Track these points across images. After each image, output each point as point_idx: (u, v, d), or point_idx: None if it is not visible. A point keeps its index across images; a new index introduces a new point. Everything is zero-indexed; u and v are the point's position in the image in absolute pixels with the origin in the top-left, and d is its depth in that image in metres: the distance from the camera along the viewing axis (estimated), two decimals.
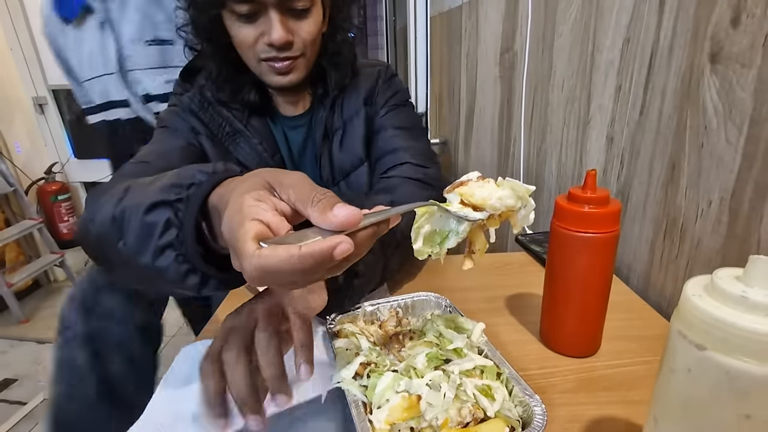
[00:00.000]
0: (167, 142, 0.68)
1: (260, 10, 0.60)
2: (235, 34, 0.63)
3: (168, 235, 0.35)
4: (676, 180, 0.56)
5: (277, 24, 0.60)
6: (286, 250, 0.25)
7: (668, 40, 0.57)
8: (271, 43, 0.61)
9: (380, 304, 0.52)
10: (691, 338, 0.27)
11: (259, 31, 0.61)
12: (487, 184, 0.31)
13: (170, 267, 0.35)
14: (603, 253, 0.44)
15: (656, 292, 0.61)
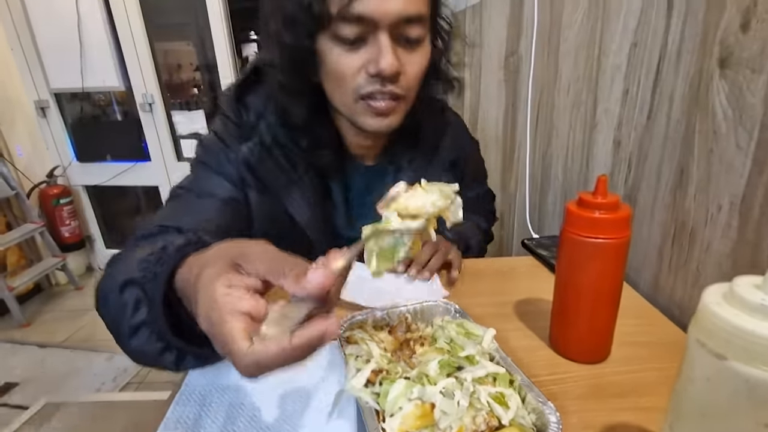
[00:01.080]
0: (207, 187, 0.60)
1: (368, 34, 0.51)
2: (334, 63, 0.52)
3: (140, 314, 0.35)
4: (685, 184, 0.56)
5: (388, 49, 0.50)
6: (278, 345, 0.26)
7: (676, 45, 0.57)
8: (378, 72, 0.51)
9: (389, 310, 0.52)
10: (710, 347, 0.27)
11: (363, 59, 0.52)
12: (417, 193, 0.33)
13: (145, 345, 0.35)
14: (614, 258, 0.44)
15: (665, 296, 0.61)
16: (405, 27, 0.51)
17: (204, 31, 2.27)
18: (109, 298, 0.38)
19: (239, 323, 0.26)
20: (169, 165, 2.49)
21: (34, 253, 2.44)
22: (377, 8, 0.48)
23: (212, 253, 0.32)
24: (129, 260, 0.40)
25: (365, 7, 0.48)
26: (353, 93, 0.54)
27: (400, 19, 0.50)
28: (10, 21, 2.29)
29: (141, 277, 0.36)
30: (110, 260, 0.47)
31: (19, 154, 2.39)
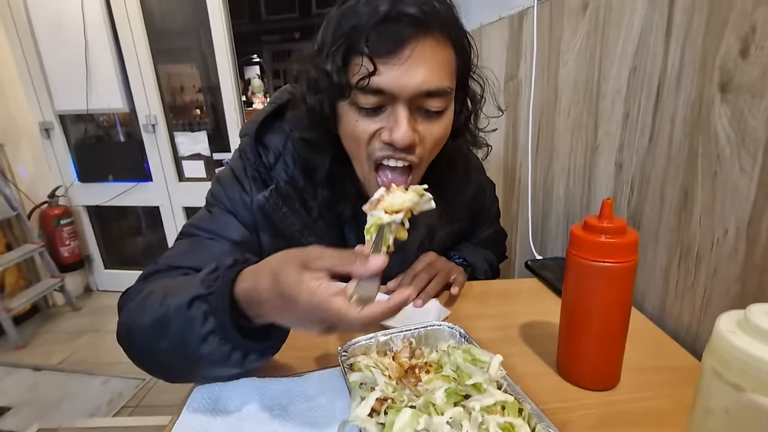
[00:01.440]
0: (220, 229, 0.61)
1: (387, 104, 0.50)
2: (351, 127, 0.53)
3: (209, 324, 0.42)
4: (690, 207, 0.56)
5: (404, 121, 0.49)
6: (381, 306, 0.36)
7: (676, 69, 0.58)
8: (392, 142, 0.51)
9: (393, 334, 0.51)
10: (727, 378, 0.26)
11: (379, 125, 0.51)
12: (396, 193, 0.42)
13: (215, 350, 0.42)
14: (621, 283, 0.44)
15: (673, 320, 0.60)
16: (425, 100, 0.50)
17: (207, 53, 2.31)
18: (171, 317, 0.44)
19: (341, 300, 0.36)
20: (171, 185, 2.50)
21: (32, 273, 2.42)
22: (396, 83, 0.48)
23: (274, 262, 0.40)
24: (177, 287, 0.46)
25: (384, 82, 0.48)
26: (368, 159, 0.54)
27: (420, 94, 0.49)
28: (19, 48, 2.34)
29: (207, 293, 0.42)
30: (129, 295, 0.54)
31: (23, 174, 2.40)
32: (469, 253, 0.79)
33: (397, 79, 0.48)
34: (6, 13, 2.29)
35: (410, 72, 0.48)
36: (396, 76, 0.48)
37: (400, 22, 0.47)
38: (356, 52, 0.48)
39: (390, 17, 0.47)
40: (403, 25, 0.47)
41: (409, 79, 0.48)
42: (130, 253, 2.88)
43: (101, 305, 2.60)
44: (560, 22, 0.86)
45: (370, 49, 0.47)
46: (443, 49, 0.50)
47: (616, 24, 0.70)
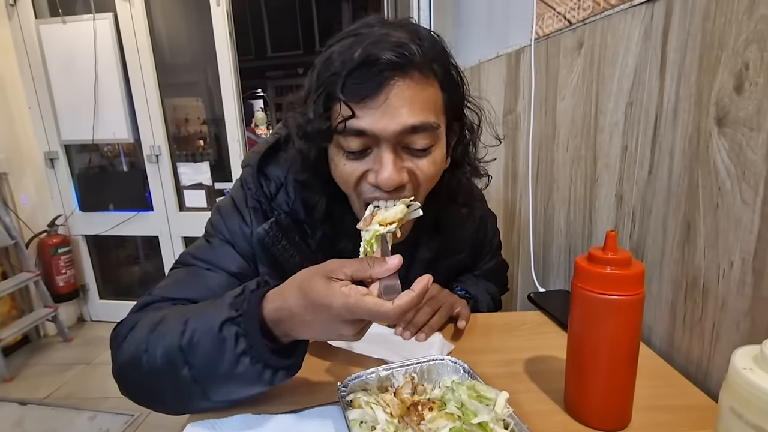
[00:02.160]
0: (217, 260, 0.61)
1: (372, 145, 0.51)
2: (339, 170, 0.53)
3: (240, 345, 0.44)
4: (693, 239, 0.56)
5: (388, 164, 0.49)
6: (408, 295, 0.40)
7: (672, 104, 0.59)
8: (377, 185, 0.51)
9: (394, 369, 0.49)
10: (747, 418, 0.25)
11: (366, 167, 0.52)
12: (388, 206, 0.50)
13: (248, 370, 0.44)
14: (629, 316, 0.43)
15: (682, 355, 0.59)
16: (410, 137, 0.50)
17: (213, 88, 2.38)
18: (197, 345, 0.45)
19: (372, 298, 0.40)
20: (171, 215, 2.50)
21: (26, 303, 2.38)
22: (375, 125, 0.48)
23: (299, 279, 0.44)
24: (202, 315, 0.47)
25: (364, 124, 0.48)
26: (358, 198, 0.55)
27: (403, 132, 0.49)
28: (30, 80, 2.41)
29: (236, 316, 0.44)
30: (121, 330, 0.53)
31: (24, 203, 2.41)
32: (471, 285, 0.78)
33: (377, 122, 0.48)
34: (20, 45, 2.37)
35: (389, 113, 0.48)
36: (375, 119, 0.48)
37: (375, 66, 0.47)
38: (334, 98, 0.49)
39: (365, 63, 0.47)
40: (378, 69, 0.47)
41: (389, 121, 0.48)
42: (126, 283, 2.85)
43: (93, 336, 2.54)
44: (556, 60, 0.88)
45: (346, 95, 0.48)
46: (426, 87, 0.50)
47: (611, 62, 0.72)
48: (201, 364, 0.45)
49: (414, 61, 0.48)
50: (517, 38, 1.06)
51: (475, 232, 0.78)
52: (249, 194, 0.62)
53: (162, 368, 0.46)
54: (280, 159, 0.63)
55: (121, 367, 0.50)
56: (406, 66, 0.48)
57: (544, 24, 0.91)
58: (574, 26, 0.81)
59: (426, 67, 0.50)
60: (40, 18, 2.36)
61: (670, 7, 0.59)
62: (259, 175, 0.62)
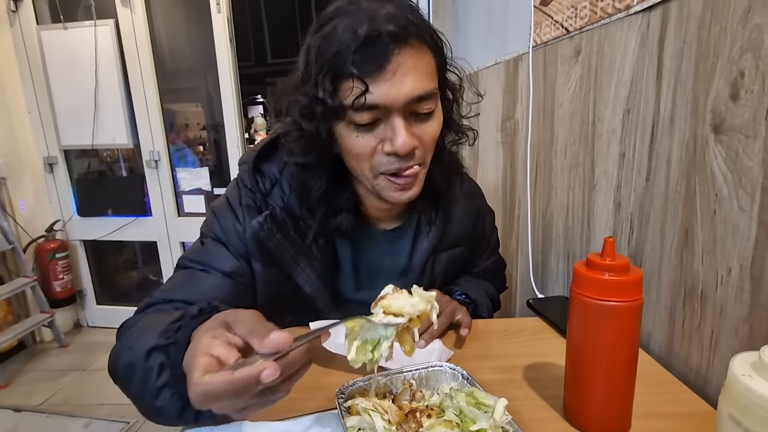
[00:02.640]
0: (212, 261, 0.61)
1: (382, 116, 0.53)
2: (351, 145, 0.54)
3: (163, 377, 0.41)
4: (691, 246, 0.56)
5: (401, 130, 0.52)
6: (221, 377, 0.31)
7: (668, 111, 0.59)
8: (395, 151, 0.53)
9: (393, 375, 0.49)
10: (747, 425, 0.25)
11: (378, 139, 0.53)
12: (401, 295, 0.39)
13: (168, 405, 0.40)
14: (628, 322, 0.43)
15: (681, 361, 0.58)
16: (416, 105, 0.53)
17: (213, 94, 2.39)
18: (135, 365, 0.43)
19: (204, 359, 0.33)
20: (170, 220, 2.50)
21: (22, 308, 2.37)
22: (387, 96, 0.50)
23: (215, 316, 0.39)
24: (148, 329, 0.46)
25: (377, 97, 0.50)
26: (373, 170, 0.56)
27: (411, 101, 0.52)
28: (31, 85, 2.42)
29: (165, 345, 0.41)
30: (122, 329, 0.54)
31: (22, 208, 2.41)
32: (471, 288, 0.78)
33: (388, 93, 0.50)
34: (21, 50, 2.38)
35: (398, 84, 0.50)
36: (386, 90, 0.50)
37: (380, 40, 0.49)
38: (345, 75, 0.50)
39: (370, 38, 0.49)
40: (384, 42, 0.49)
41: (398, 90, 0.51)
42: (123, 289, 2.83)
43: (90, 342, 2.52)
44: (554, 67, 0.89)
45: (358, 70, 0.49)
46: (423, 55, 0.53)
47: (608, 69, 0.73)
48: (133, 391, 0.44)
49: (411, 31, 0.51)
50: (515, 46, 1.07)
51: (474, 225, 0.78)
52: (244, 192, 0.63)
53: (121, 382, 0.47)
54: (275, 157, 0.64)
55: (108, 369, 0.51)
56: (406, 36, 0.50)
57: (542, 32, 0.91)
58: (572, 34, 0.82)
59: (420, 36, 0.52)
60: (42, 24, 2.38)
61: (666, 16, 0.59)
62: (255, 172, 0.63)
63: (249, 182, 0.63)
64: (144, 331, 0.47)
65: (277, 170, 0.64)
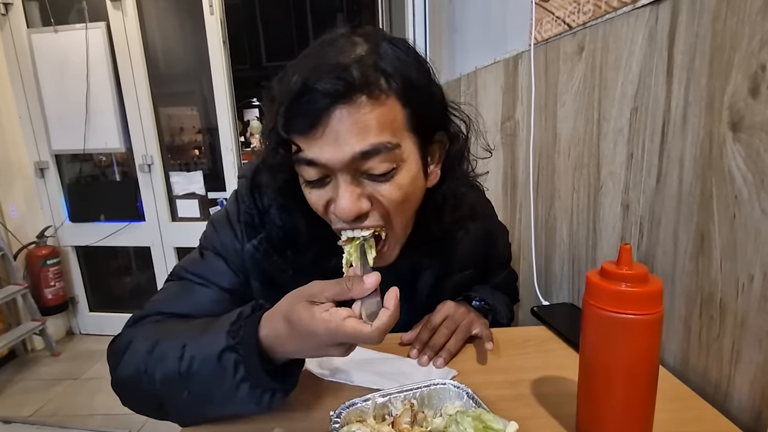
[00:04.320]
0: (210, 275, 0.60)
1: (330, 174, 0.48)
2: (307, 197, 0.52)
3: (239, 373, 0.45)
4: (708, 251, 0.53)
5: (344, 193, 0.47)
6: (387, 316, 0.42)
7: (681, 109, 0.56)
8: (336, 214, 0.49)
9: (392, 396, 0.45)
10: None
11: (328, 195, 0.49)
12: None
13: (246, 396, 0.46)
14: (647, 337, 0.39)
15: (698, 375, 0.55)
16: (364, 163, 0.46)
17: (208, 97, 2.35)
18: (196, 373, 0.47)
19: (353, 321, 0.42)
20: (163, 225, 2.46)
21: (13, 316, 2.32)
22: (321, 156, 0.46)
23: (284, 306, 0.45)
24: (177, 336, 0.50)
25: (311, 154, 0.46)
26: (333, 224, 0.52)
27: (353, 159, 0.46)
28: (21, 89, 2.37)
29: (234, 344, 0.46)
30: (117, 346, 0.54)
31: (13, 214, 2.36)
32: (489, 295, 0.73)
33: (322, 153, 0.46)
34: (11, 54, 2.34)
35: (331, 144, 0.45)
36: (318, 150, 0.46)
37: (311, 97, 0.44)
38: (279, 134, 0.48)
39: (300, 94, 0.45)
40: (315, 99, 0.44)
41: (335, 151, 0.45)
42: (116, 295, 2.79)
43: (82, 350, 2.48)
44: (556, 65, 0.86)
45: (286, 130, 0.47)
46: (375, 108, 0.46)
47: (614, 66, 0.69)
48: (199, 391, 0.47)
49: (355, 85, 0.44)
50: (515, 44, 1.04)
51: (482, 248, 0.74)
52: (242, 208, 0.61)
53: (161, 390, 0.48)
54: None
55: (120, 383, 0.53)
56: (347, 92, 0.44)
57: (543, 29, 0.88)
58: (574, 30, 0.79)
59: (375, 87, 0.45)
60: (32, 27, 2.34)
61: (676, 9, 0.56)
62: (253, 187, 0.60)
63: (247, 198, 0.60)
64: (190, 340, 0.48)
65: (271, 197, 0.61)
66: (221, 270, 0.60)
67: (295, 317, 0.43)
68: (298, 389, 0.50)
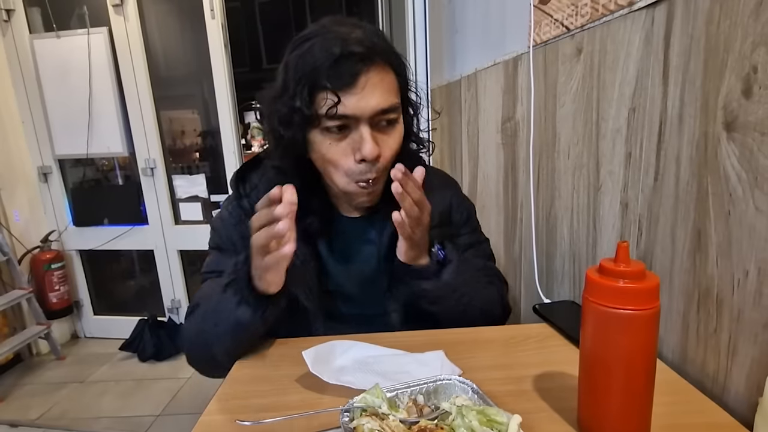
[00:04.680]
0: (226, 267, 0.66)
1: (351, 125, 0.61)
2: (324, 151, 0.62)
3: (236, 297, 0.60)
4: (704, 248, 0.54)
5: (368, 138, 0.60)
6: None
7: (677, 110, 0.58)
8: (363, 158, 0.60)
9: (399, 391, 0.47)
10: None
11: (348, 146, 0.61)
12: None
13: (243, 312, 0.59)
14: (645, 331, 0.41)
15: (696, 368, 0.56)
16: (381, 116, 0.61)
17: (209, 100, 2.37)
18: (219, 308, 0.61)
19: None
20: (167, 228, 2.47)
21: (18, 320, 2.34)
22: (357, 107, 0.59)
23: None
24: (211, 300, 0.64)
25: (347, 108, 0.59)
26: (344, 176, 0.64)
27: (377, 113, 0.60)
28: (24, 94, 2.39)
29: (232, 280, 0.60)
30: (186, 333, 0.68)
31: (16, 219, 2.38)
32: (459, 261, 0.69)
33: (357, 105, 0.59)
34: (14, 59, 2.36)
35: (366, 97, 0.59)
36: (355, 102, 0.59)
37: (350, 59, 0.58)
38: (320, 87, 0.59)
39: (342, 56, 0.58)
40: (354, 61, 0.58)
41: (367, 103, 0.59)
42: (121, 299, 2.80)
43: (87, 353, 2.49)
44: (555, 67, 0.87)
45: (332, 83, 0.58)
46: (387, 74, 0.62)
47: (612, 67, 0.71)
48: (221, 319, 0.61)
49: (377, 52, 0.60)
50: (514, 45, 1.05)
51: (448, 214, 0.78)
52: (230, 199, 0.74)
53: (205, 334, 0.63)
54: (259, 168, 0.74)
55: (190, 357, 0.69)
56: (373, 57, 0.59)
57: (542, 31, 0.90)
58: (572, 32, 0.80)
59: (385, 57, 0.61)
60: (34, 33, 2.36)
61: (671, 12, 0.58)
62: (239, 180, 0.73)
63: (234, 188, 0.73)
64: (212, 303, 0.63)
65: (257, 177, 0.73)
66: (226, 261, 0.68)
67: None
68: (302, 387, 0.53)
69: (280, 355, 0.65)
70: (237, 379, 0.60)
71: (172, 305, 2.52)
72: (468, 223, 0.82)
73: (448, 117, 1.63)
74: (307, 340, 0.66)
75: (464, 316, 0.71)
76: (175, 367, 2.26)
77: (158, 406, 1.94)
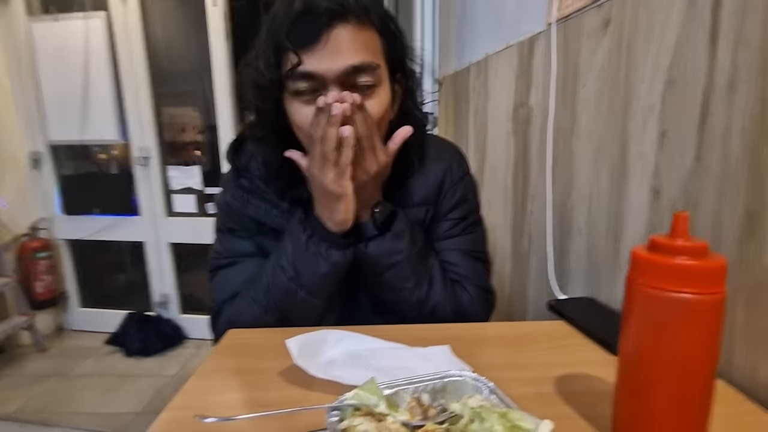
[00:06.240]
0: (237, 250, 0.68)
1: (321, 87, 0.56)
2: (296, 115, 0.58)
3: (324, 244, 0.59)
4: (759, 236, 0.47)
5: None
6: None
7: (726, 77, 0.50)
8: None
9: (401, 388, 0.39)
10: None
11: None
12: None
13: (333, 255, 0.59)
14: (708, 321, 0.33)
15: (744, 374, 0.49)
16: (354, 76, 0.55)
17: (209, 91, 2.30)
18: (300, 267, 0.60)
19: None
20: (159, 220, 2.39)
21: (1, 310, 2.25)
22: (320, 66, 0.54)
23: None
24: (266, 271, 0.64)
25: (311, 66, 0.54)
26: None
27: (346, 72, 0.55)
28: (18, 78, 2.33)
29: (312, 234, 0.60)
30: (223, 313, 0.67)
31: (3, 206, 2.30)
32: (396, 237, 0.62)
33: (320, 63, 0.54)
34: (9, 43, 2.30)
35: (331, 55, 0.54)
36: (317, 60, 0.54)
37: (311, 15, 0.53)
38: (282, 48, 0.55)
39: (302, 13, 0.53)
40: (315, 17, 0.53)
41: (332, 62, 0.54)
42: (108, 291, 2.71)
43: (72, 346, 2.40)
44: (577, 44, 0.80)
45: (291, 42, 0.54)
46: (363, 32, 0.56)
47: (645, 38, 0.64)
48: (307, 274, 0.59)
49: (349, 9, 0.54)
50: (530, 25, 0.98)
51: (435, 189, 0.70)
52: (228, 171, 0.70)
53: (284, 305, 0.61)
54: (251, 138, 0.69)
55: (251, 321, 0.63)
56: (343, 12, 0.54)
57: (563, 5, 0.83)
58: (599, 3, 0.73)
59: (362, 13, 0.55)
60: (32, 15, 2.29)
61: None
62: (234, 154, 0.69)
63: (230, 160, 0.69)
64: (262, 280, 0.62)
65: (253, 148, 0.68)
66: (238, 242, 0.68)
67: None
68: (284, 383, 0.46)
69: (262, 345, 0.58)
70: (209, 370, 0.52)
71: (161, 300, 2.43)
72: (459, 207, 0.71)
73: (454, 108, 1.56)
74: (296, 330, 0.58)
75: (397, 307, 0.65)
76: (161, 363, 2.17)
77: (140, 403, 1.85)
